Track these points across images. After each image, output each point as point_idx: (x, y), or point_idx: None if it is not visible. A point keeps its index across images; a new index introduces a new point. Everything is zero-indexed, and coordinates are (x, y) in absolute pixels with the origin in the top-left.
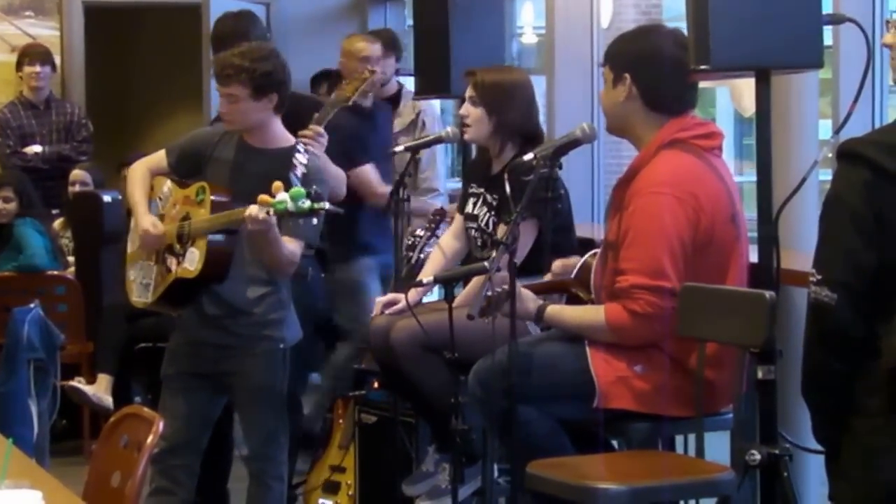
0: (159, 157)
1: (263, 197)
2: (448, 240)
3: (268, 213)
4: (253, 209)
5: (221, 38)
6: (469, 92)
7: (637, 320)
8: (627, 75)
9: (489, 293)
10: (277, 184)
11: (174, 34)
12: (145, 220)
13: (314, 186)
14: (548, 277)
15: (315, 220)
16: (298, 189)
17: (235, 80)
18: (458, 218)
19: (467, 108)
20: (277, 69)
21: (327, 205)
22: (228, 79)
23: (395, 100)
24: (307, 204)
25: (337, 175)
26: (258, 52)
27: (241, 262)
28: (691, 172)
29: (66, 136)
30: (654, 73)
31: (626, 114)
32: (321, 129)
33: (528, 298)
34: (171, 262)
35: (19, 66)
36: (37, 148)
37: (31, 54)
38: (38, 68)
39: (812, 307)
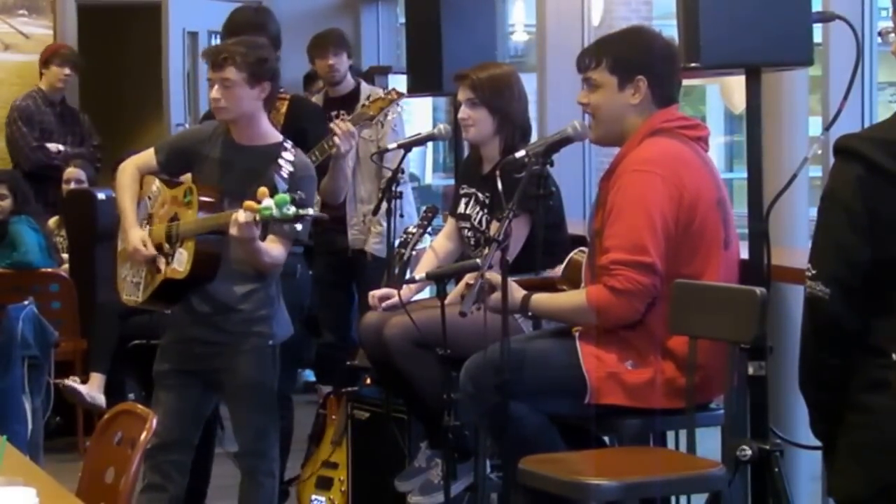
0: (148, 156)
1: (249, 203)
2: (441, 241)
3: (254, 219)
4: (239, 215)
5: (236, 27)
6: (466, 94)
7: (618, 297)
8: (643, 77)
9: (472, 282)
10: (263, 189)
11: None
12: (134, 237)
13: (299, 192)
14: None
15: (300, 226)
16: (283, 196)
17: (231, 63)
18: (451, 220)
19: (467, 112)
20: (272, 60)
21: (311, 211)
22: (224, 62)
23: (353, 97)
24: (292, 210)
25: (347, 176)
26: (254, 42)
27: (230, 259)
28: (676, 155)
29: (80, 142)
30: (666, 72)
31: (633, 114)
32: (353, 129)
33: (514, 289)
34: (161, 261)
35: (47, 63)
36: (60, 146)
37: (63, 56)
38: (67, 71)
39: (807, 302)
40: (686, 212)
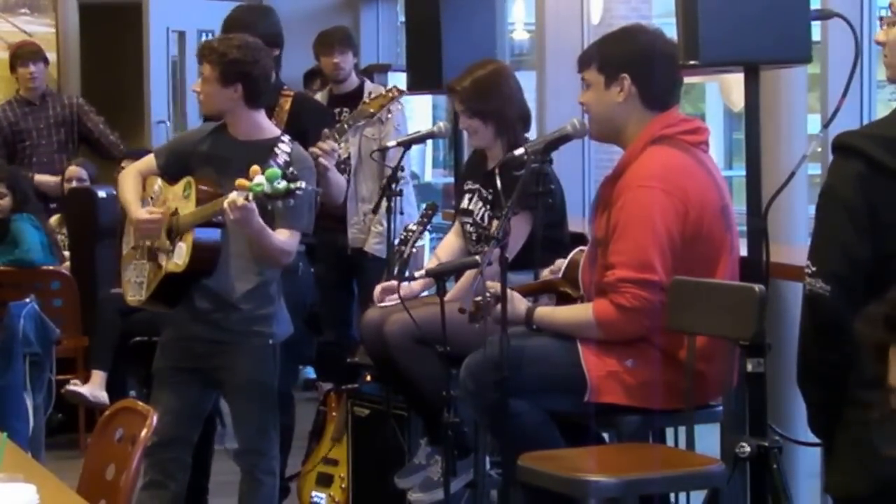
0: (148, 161)
1: (241, 181)
2: (450, 238)
3: (246, 198)
4: (232, 196)
5: (227, 26)
6: (458, 106)
7: (624, 314)
8: (626, 75)
9: (478, 298)
10: (254, 167)
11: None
12: (140, 212)
13: (291, 168)
14: (545, 274)
15: (292, 202)
16: (274, 170)
17: (206, 60)
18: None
19: (465, 122)
20: (247, 61)
21: (303, 183)
22: (202, 58)
23: (357, 95)
24: (283, 184)
25: (338, 183)
26: (236, 41)
27: (230, 256)
28: (679, 166)
29: (66, 131)
30: (650, 70)
31: (622, 114)
32: (335, 145)
33: (518, 301)
34: (162, 258)
35: (13, 67)
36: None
37: (23, 55)
38: (31, 68)
39: (807, 299)
40: (692, 225)
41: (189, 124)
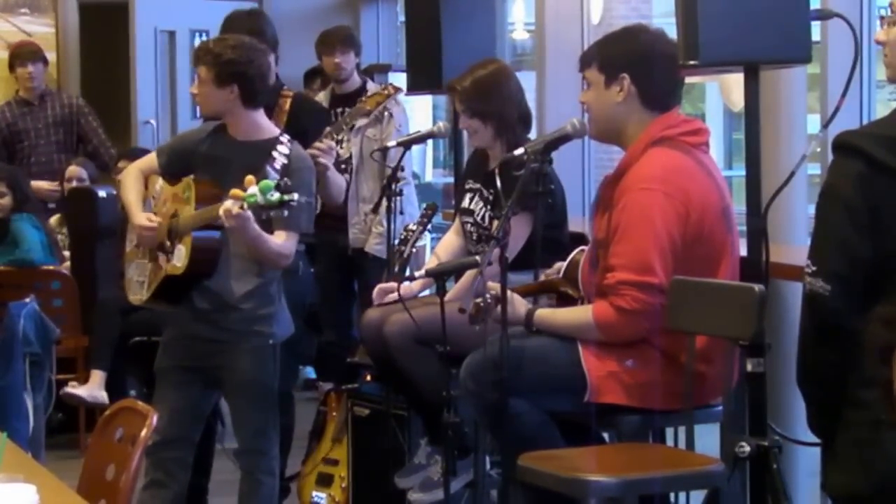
0: (150, 159)
1: (235, 191)
2: (450, 236)
3: (241, 207)
4: (227, 204)
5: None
6: (458, 106)
7: (624, 316)
8: (626, 75)
9: (479, 300)
10: (249, 177)
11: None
12: (140, 217)
13: (285, 179)
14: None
15: (286, 212)
16: (267, 182)
17: (202, 62)
18: (458, 216)
19: (465, 122)
20: (242, 61)
21: (297, 195)
22: (198, 59)
23: (359, 95)
24: (276, 196)
25: (338, 183)
26: (231, 42)
27: (230, 257)
28: (680, 168)
29: (65, 131)
30: (650, 71)
31: (621, 114)
32: (333, 143)
33: (518, 303)
34: (162, 259)
35: (12, 68)
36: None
37: (21, 55)
38: (29, 68)
39: (807, 298)
40: (693, 227)
41: (180, 125)
